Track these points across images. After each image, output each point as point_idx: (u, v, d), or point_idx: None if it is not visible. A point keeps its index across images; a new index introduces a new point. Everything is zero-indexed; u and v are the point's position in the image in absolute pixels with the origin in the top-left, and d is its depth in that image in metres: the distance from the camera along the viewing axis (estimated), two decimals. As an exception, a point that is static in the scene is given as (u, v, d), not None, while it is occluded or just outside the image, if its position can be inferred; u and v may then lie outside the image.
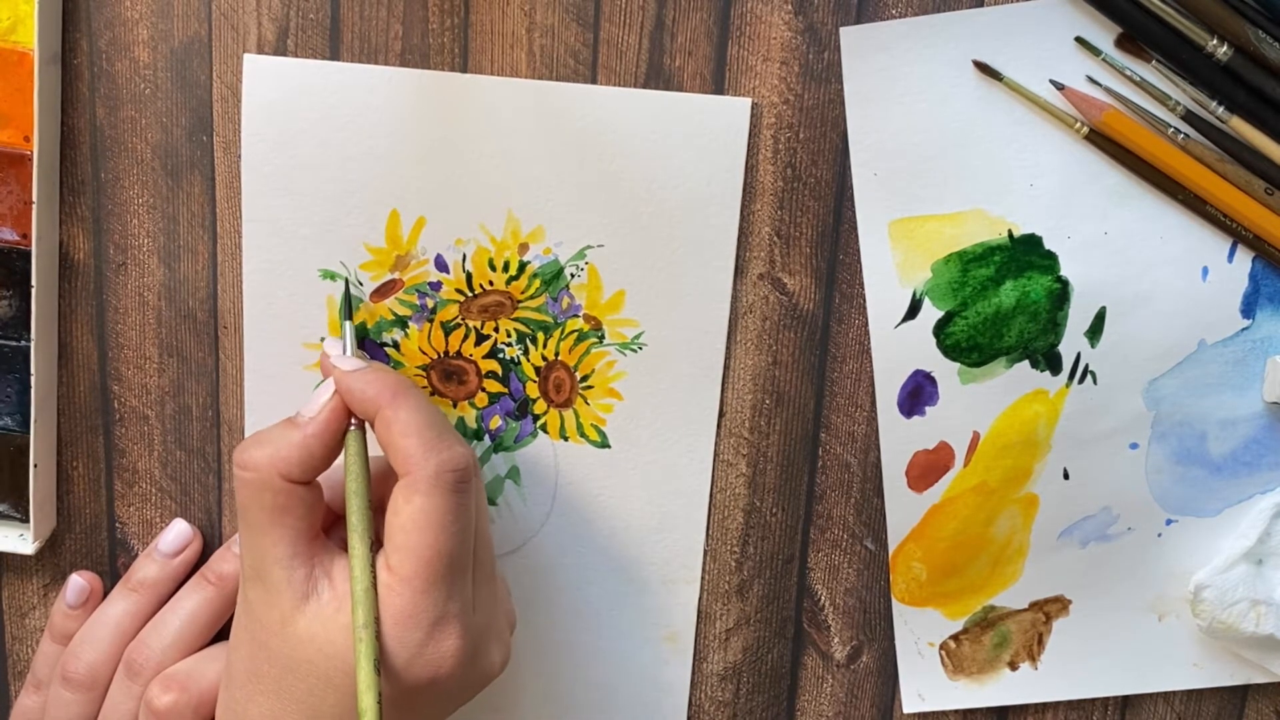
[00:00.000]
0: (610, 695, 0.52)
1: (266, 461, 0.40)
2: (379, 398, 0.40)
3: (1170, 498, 0.50)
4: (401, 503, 0.39)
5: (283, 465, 0.40)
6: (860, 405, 0.49)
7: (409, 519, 0.39)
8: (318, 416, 0.41)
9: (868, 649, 0.52)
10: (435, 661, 0.40)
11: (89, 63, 0.46)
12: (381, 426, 0.40)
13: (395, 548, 0.39)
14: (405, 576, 0.39)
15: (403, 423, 0.40)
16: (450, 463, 0.40)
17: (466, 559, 0.41)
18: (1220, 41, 0.44)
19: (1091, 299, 0.48)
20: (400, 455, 0.40)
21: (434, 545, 0.39)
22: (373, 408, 0.41)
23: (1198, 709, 0.53)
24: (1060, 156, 0.46)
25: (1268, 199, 0.46)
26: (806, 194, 0.47)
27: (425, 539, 0.39)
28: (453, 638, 0.40)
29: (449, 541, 0.39)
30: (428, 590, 0.39)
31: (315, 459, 0.41)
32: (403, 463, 0.40)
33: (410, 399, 0.41)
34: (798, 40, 0.45)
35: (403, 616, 0.39)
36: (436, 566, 0.39)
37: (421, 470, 0.39)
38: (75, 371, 0.49)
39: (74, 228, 0.48)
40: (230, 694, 0.42)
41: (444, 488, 0.39)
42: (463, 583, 0.40)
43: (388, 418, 0.40)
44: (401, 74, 0.45)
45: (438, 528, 0.39)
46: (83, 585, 0.49)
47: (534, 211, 0.47)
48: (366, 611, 0.39)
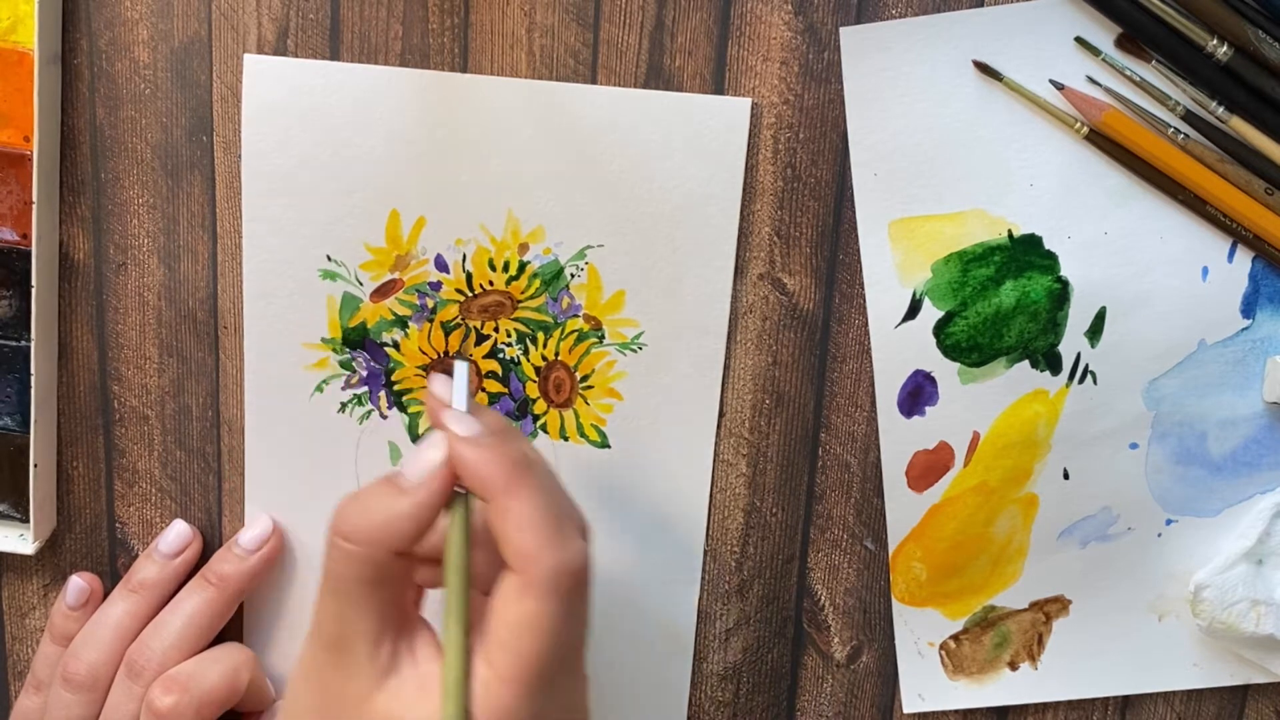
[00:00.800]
0: (610, 695, 0.52)
1: (375, 534, 0.36)
2: (493, 482, 0.36)
3: (1170, 498, 0.50)
4: (512, 600, 0.36)
5: (392, 539, 0.36)
6: (860, 405, 0.49)
7: (519, 620, 0.35)
8: (427, 484, 0.37)
9: (868, 649, 0.52)
10: None
11: (89, 63, 0.46)
12: (496, 513, 0.36)
13: (500, 644, 0.36)
14: (507, 677, 0.36)
15: (519, 515, 0.36)
16: (569, 565, 0.36)
17: (572, 660, 0.38)
18: (1220, 41, 0.44)
19: (1091, 299, 0.48)
20: (514, 550, 0.36)
21: (543, 651, 0.36)
22: (488, 492, 0.37)
23: (1198, 709, 0.53)
24: (1060, 156, 0.46)
25: (1268, 199, 0.46)
26: (806, 194, 0.47)
27: (535, 644, 0.35)
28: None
29: (559, 648, 0.36)
30: (530, 695, 0.36)
31: (424, 528, 0.37)
32: (517, 559, 0.36)
33: (529, 485, 0.36)
34: (798, 40, 0.45)
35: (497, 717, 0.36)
36: (542, 672, 0.36)
37: (538, 573, 0.35)
38: (75, 371, 0.49)
39: (74, 228, 0.48)
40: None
41: (560, 593, 0.36)
42: (558, 688, 0.37)
43: (503, 507, 0.36)
44: (401, 74, 0.45)
45: (549, 633, 0.36)
46: (83, 586, 0.49)
47: (534, 211, 0.47)
48: (457, 706, 0.35)
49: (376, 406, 0.49)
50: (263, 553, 0.49)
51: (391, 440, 0.49)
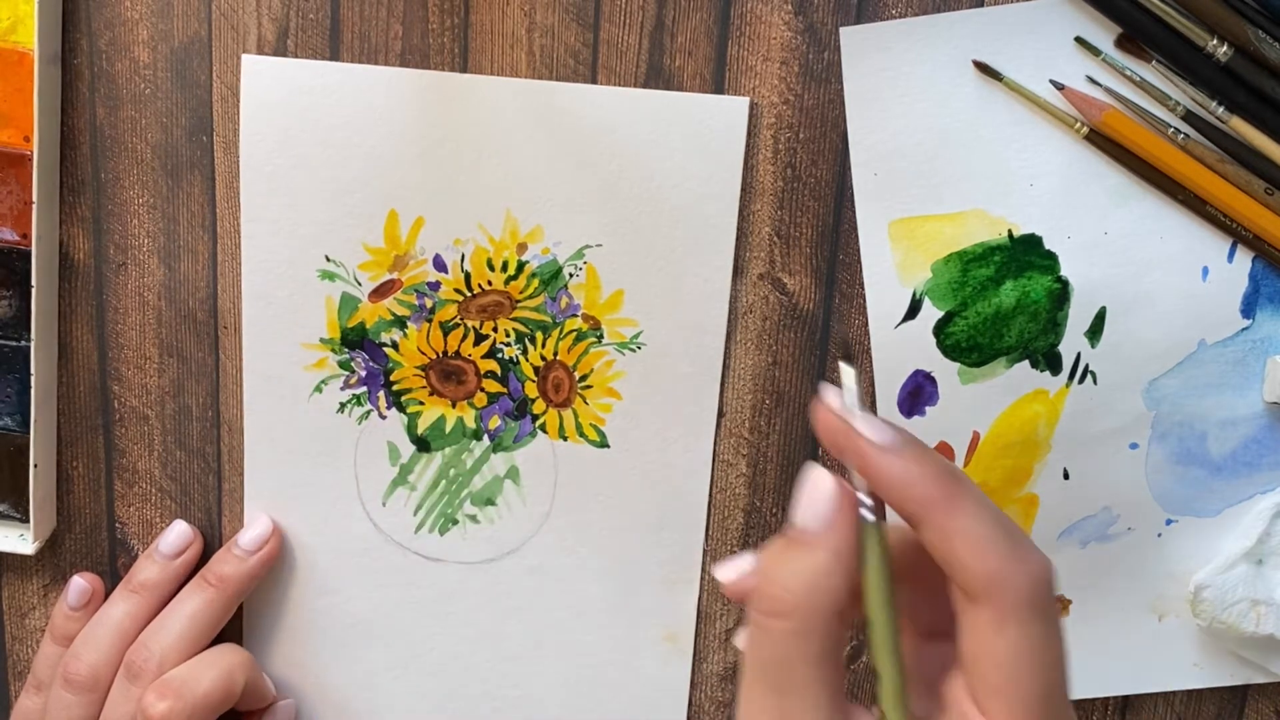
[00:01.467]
0: (610, 695, 0.52)
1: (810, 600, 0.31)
2: (930, 499, 0.31)
3: (1170, 498, 0.50)
4: (992, 637, 0.30)
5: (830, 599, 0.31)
6: (860, 405, 0.49)
7: (1008, 658, 0.30)
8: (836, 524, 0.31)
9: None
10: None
11: (89, 63, 0.46)
12: (936, 534, 0.31)
13: (993, 692, 0.30)
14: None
15: (971, 534, 0.30)
16: (1041, 578, 0.30)
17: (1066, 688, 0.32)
18: (1220, 41, 0.44)
19: (1091, 299, 0.47)
20: (975, 575, 0.30)
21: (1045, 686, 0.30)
22: (924, 511, 0.31)
23: (1198, 709, 0.53)
24: (1060, 156, 0.46)
25: (1268, 199, 0.46)
26: (806, 194, 0.47)
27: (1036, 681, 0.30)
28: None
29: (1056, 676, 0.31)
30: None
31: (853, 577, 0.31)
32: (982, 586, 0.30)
33: (971, 498, 0.31)
34: (798, 40, 0.45)
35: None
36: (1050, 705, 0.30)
37: (1014, 595, 0.30)
38: (75, 371, 0.49)
39: (74, 228, 0.48)
40: None
41: (1040, 613, 0.30)
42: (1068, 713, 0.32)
43: (947, 527, 0.30)
44: (401, 74, 0.45)
45: (1045, 664, 0.30)
46: (84, 587, 0.49)
47: (532, 211, 0.47)
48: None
49: (375, 406, 0.49)
50: (262, 553, 0.49)
51: (390, 440, 0.49)
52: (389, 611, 0.51)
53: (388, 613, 0.51)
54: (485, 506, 0.50)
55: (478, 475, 0.50)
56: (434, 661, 0.52)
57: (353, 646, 0.51)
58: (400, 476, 0.50)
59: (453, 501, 0.50)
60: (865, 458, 0.31)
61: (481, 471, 0.50)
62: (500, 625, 0.51)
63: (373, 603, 0.51)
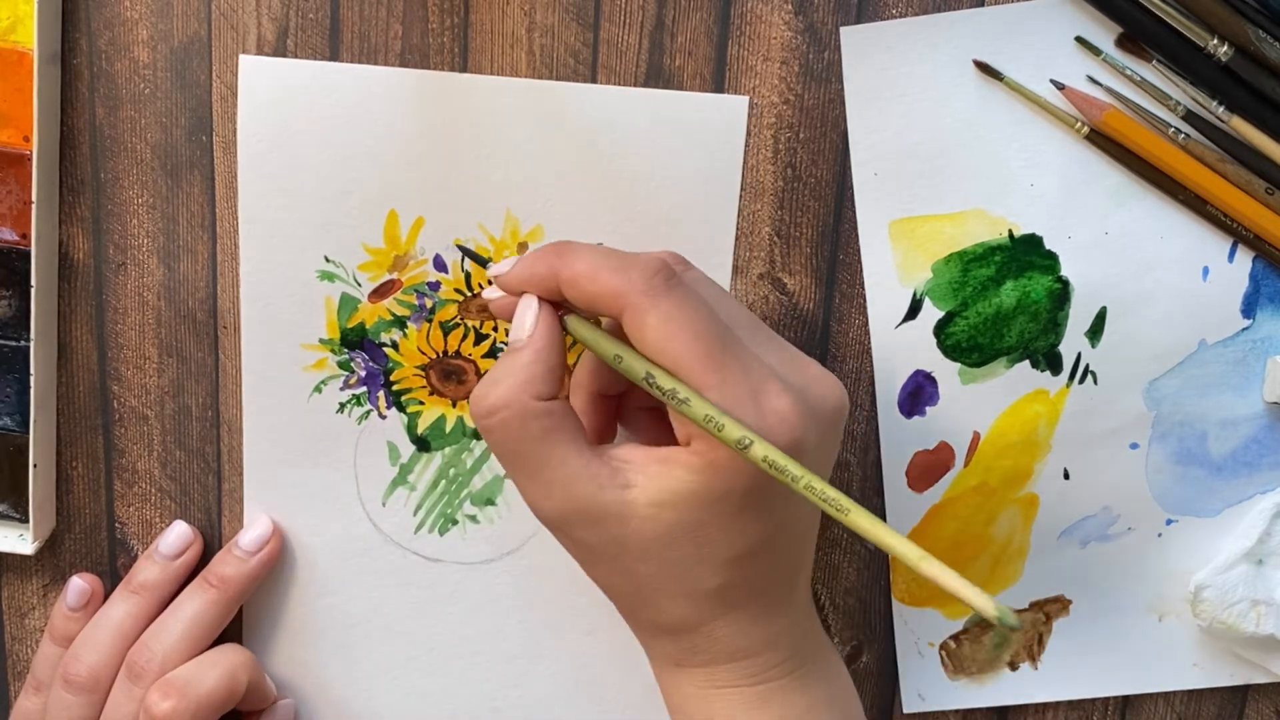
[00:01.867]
0: (610, 695, 0.52)
1: (510, 393, 0.38)
2: (551, 269, 0.39)
3: (1170, 498, 0.50)
4: (639, 333, 0.38)
5: (530, 387, 0.38)
6: (860, 405, 0.49)
7: (657, 337, 0.37)
8: (529, 327, 0.39)
9: (868, 649, 0.52)
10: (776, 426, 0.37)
11: (89, 63, 0.46)
12: (571, 289, 0.39)
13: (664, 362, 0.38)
14: (698, 380, 0.37)
15: (586, 272, 0.38)
16: (649, 268, 0.38)
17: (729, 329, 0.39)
18: (1220, 41, 0.44)
19: (1092, 299, 0.47)
20: (605, 297, 0.38)
21: (696, 337, 0.37)
22: (553, 280, 0.39)
23: (1198, 709, 0.53)
24: (1061, 156, 0.46)
25: (1268, 199, 0.46)
26: (806, 194, 0.47)
27: (685, 338, 0.37)
28: (777, 394, 0.37)
29: (704, 324, 0.37)
30: (725, 379, 0.37)
31: (555, 366, 0.39)
32: (612, 302, 0.38)
33: (577, 248, 0.39)
34: (798, 40, 0.45)
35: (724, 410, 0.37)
36: (714, 353, 0.37)
37: (633, 295, 0.37)
38: (75, 371, 0.49)
39: (74, 228, 0.48)
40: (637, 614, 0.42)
41: (660, 293, 0.37)
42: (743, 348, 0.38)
43: (570, 278, 0.38)
44: (401, 74, 0.45)
45: (685, 322, 0.37)
46: (83, 587, 0.49)
47: (532, 210, 0.47)
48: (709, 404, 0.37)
49: (375, 406, 0.49)
50: (263, 554, 0.49)
51: (390, 440, 0.49)
52: (389, 612, 0.51)
53: (388, 613, 0.51)
54: (485, 506, 0.50)
55: (477, 475, 0.50)
56: (434, 661, 0.52)
57: (353, 646, 0.51)
58: (400, 476, 0.50)
59: (453, 502, 0.50)
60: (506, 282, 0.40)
61: (481, 471, 0.50)
62: (500, 625, 0.51)
63: (373, 603, 0.51)
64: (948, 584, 0.34)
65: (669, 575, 0.39)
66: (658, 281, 0.37)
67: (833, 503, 0.36)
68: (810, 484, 0.36)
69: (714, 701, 0.42)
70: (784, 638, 0.42)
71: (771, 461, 0.36)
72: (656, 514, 0.38)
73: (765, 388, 0.38)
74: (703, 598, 0.40)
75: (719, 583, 0.40)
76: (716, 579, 0.39)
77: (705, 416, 0.37)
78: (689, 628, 0.41)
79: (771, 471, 0.36)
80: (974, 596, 0.34)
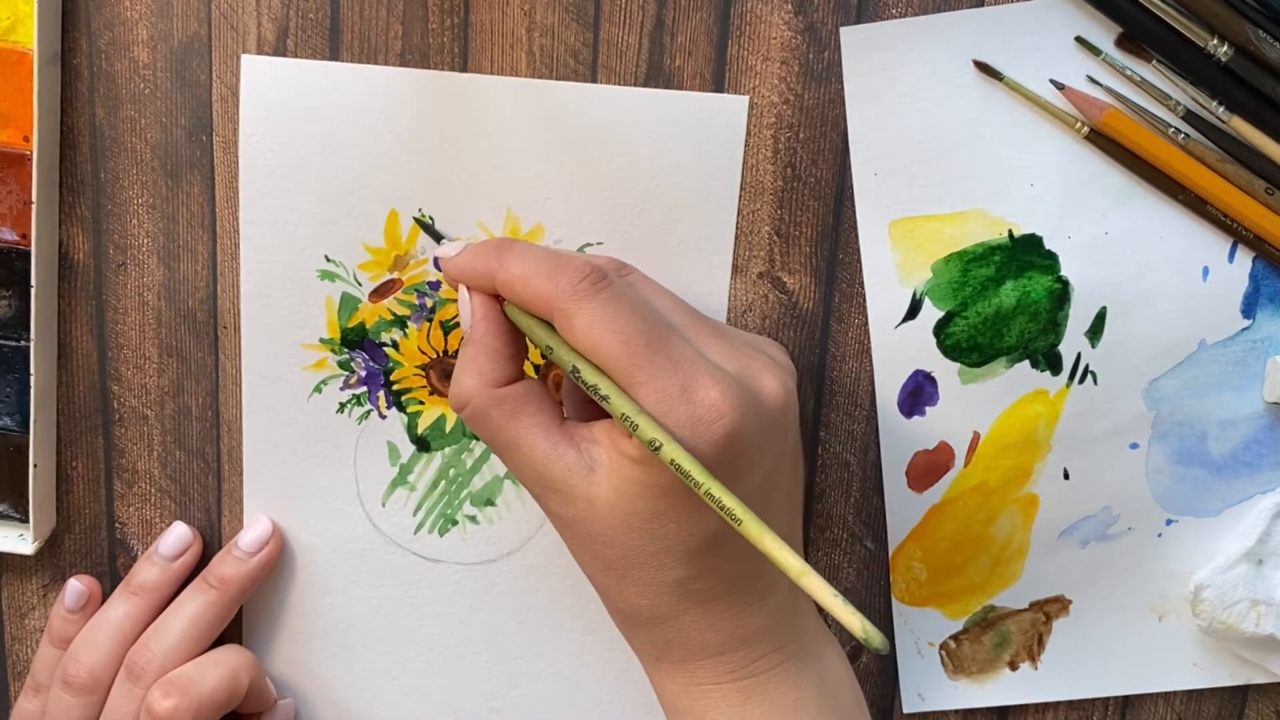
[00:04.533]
0: (610, 696, 0.52)
1: (474, 384, 0.40)
2: (488, 268, 0.41)
3: (1170, 498, 0.50)
4: (569, 334, 0.39)
5: (485, 376, 0.40)
6: (860, 405, 0.49)
7: (585, 338, 0.39)
8: (474, 317, 0.41)
9: (868, 649, 0.52)
10: (715, 419, 0.38)
11: (89, 63, 0.46)
12: (506, 290, 0.40)
13: (601, 362, 0.39)
14: (626, 379, 0.38)
15: (519, 276, 0.40)
16: (577, 272, 0.39)
17: (661, 327, 0.40)
18: (1220, 41, 0.44)
19: (1092, 299, 0.47)
20: (537, 302, 0.39)
21: (621, 337, 0.38)
22: (489, 279, 0.41)
23: (1198, 709, 0.53)
24: (1060, 156, 0.46)
25: (1268, 199, 0.46)
26: (806, 194, 0.47)
27: (609, 342, 0.38)
28: (707, 387, 0.38)
29: (631, 325, 0.39)
30: (651, 373, 0.38)
31: (506, 352, 0.41)
32: (544, 305, 0.39)
33: (515, 250, 0.40)
34: (798, 40, 0.45)
35: (654, 406, 0.38)
36: (640, 352, 0.38)
37: (561, 300, 0.39)
38: (75, 371, 0.49)
39: (74, 228, 0.48)
40: (610, 599, 0.43)
41: (587, 296, 0.39)
42: (675, 344, 0.39)
43: (505, 280, 0.40)
44: (401, 74, 0.45)
45: (610, 323, 0.38)
46: (81, 589, 0.49)
47: (532, 210, 0.47)
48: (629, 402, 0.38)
49: (375, 406, 0.49)
50: (263, 555, 0.49)
51: (390, 440, 0.49)
52: (389, 612, 0.51)
53: (388, 613, 0.51)
54: (485, 507, 0.50)
55: (477, 475, 0.50)
56: (434, 662, 0.52)
57: (353, 647, 0.51)
58: (400, 477, 0.50)
59: (452, 502, 0.50)
60: (446, 270, 0.42)
61: (481, 472, 0.50)
62: (500, 626, 0.51)
63: (373, 603, 0.51)
64: (824, 601, 0.36)
65: (632, 563, 0.40)
66: (584, 286, 0.39)
67: (727, 512, 0.37)
68: (709, 490, 0.37)
69: (697, 699, 0.42)
70: (764, 632, 0.42)
71: (677, 465, 0.37)
72: (616, 500, 0.39)
73: (695, 381, 0.38)
74: (666, 589, 0.41)
75: (681, 574, 0.40)
76: (678, 570, 0.40)
77: (622, 415, 0.38)
78: (658, 619, 0.41)
79: (678, 475, 0.37)
80: (847, 616, 0.36)
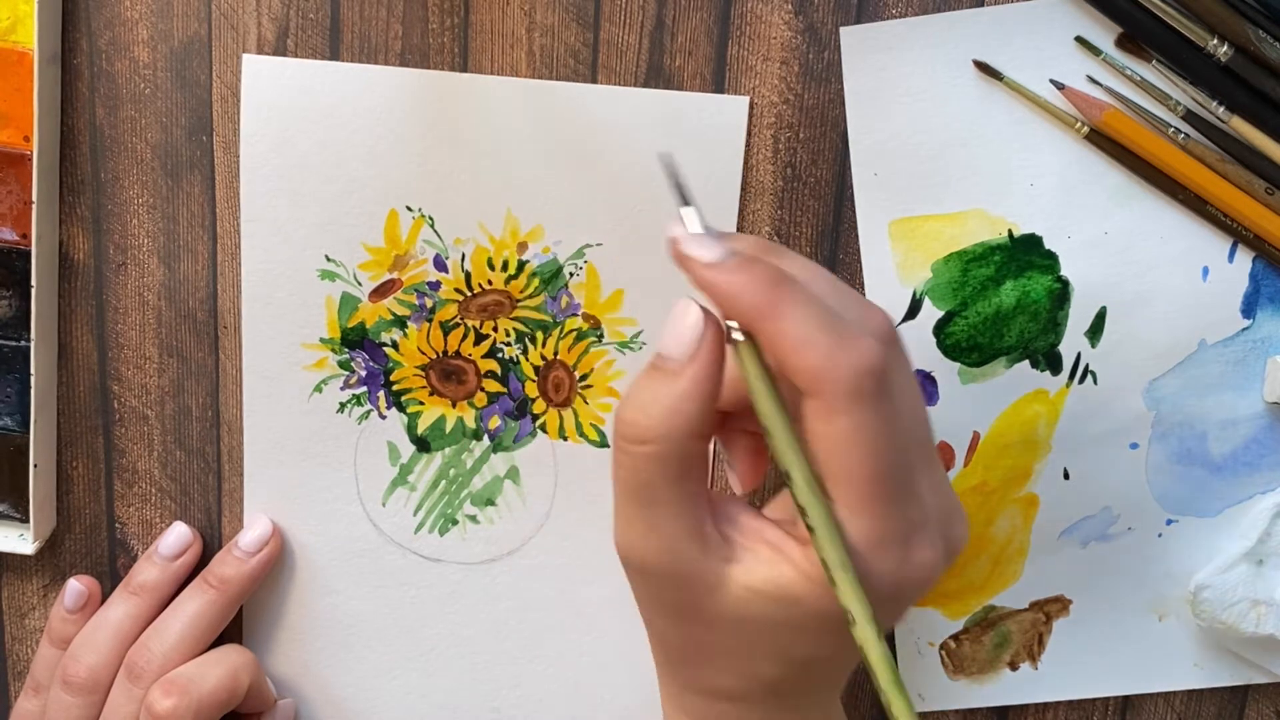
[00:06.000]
0: (611, 695, 0.52)
1: (668, 427, 0.33)
2: (754, 308, 0.33)
3: (1170, 498, 0.50)
4: (821, 426, 0.33)
5: (686, 424, 0.33)
6: (860, 405, 0.49)
7: (838, 445, 0.32)
8: (694, 353, 0.33)
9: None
10: (915, 579, 0.34)
11: (89, 63, 0.46)
12: (767, 341, 0.33)
13: (831, 476, 0.33)
14: (858, 506, 0.33)
15: (792, 335, 0.32)
16: (864, 364, 0.32)
17: (912, 458, 0.34)
18: (1220, 41, 0.44)
19: (1092, 299, 0.47)
20: (800, 373, 0.32)
21: (878, 465, 0.33)
22: (751, 321, 0.33)
23: (1198, 709, 0.53)
24: (1060, 156, 0.46)
25: (1268, 199, 0.46)
26: (806, 194, 0.47)
27: (867, 463, 0.32)
28: (925, 549, 0.34)
29: (892, 452, 0.33)
30: (889, 515, 0.33)
31: (714, 401, 0.34)
32: (807, 380, 0.32)
33: (794, 302, 0.32)
34: (798, 40, 0.45)
35: (870, 546, 0.33)
36: (888, 484, 0.33)
37: (834, 388, 0.32)
38: (75, 371, 0.49)
39: (74, 228, 0.48)
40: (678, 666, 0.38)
41: (865, 398, 0.32)
42: (915, 486, 0.34)
43: (772, 331, 0.32)
44: (401, 74, 0.45)
45: (873, 446, 0.32)
46: (81, 590, 0.49)
47: (533, 210, 0.47)
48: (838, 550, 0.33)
49: (375, 406, 0.49)
50: (263, 555, 0.49)
51: (390, 440, 0.49)
52: (389, 612, 0.51)
53: (388, 613, 0.51)
54: (485, 507, 0.50)
55: (478, 475, 0.50)
56: (434, 662, 0.52)
57: (353, 647, 0.51)
58: (400, 477, 0.50)
59: (453, 502, 0.50)
60: (697, 276, 0.33)
61: (481, 472, 0.50)
62: (500, 625, 0.51)
63: (373, 603, 0.51)
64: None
65: (731, 651, 0.36)
66: (867, 384, 0.32)
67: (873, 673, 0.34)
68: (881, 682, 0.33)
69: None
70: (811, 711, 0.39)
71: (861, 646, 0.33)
72: (748, 597, 0.35)
73: (919, 534, 0.34)
74: (754, 680, 0.37)
75: (778, 674, 0.36)
76: (777, 670, 0.36)
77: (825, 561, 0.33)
78: (726, 697, 0.38)
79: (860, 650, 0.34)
80: None
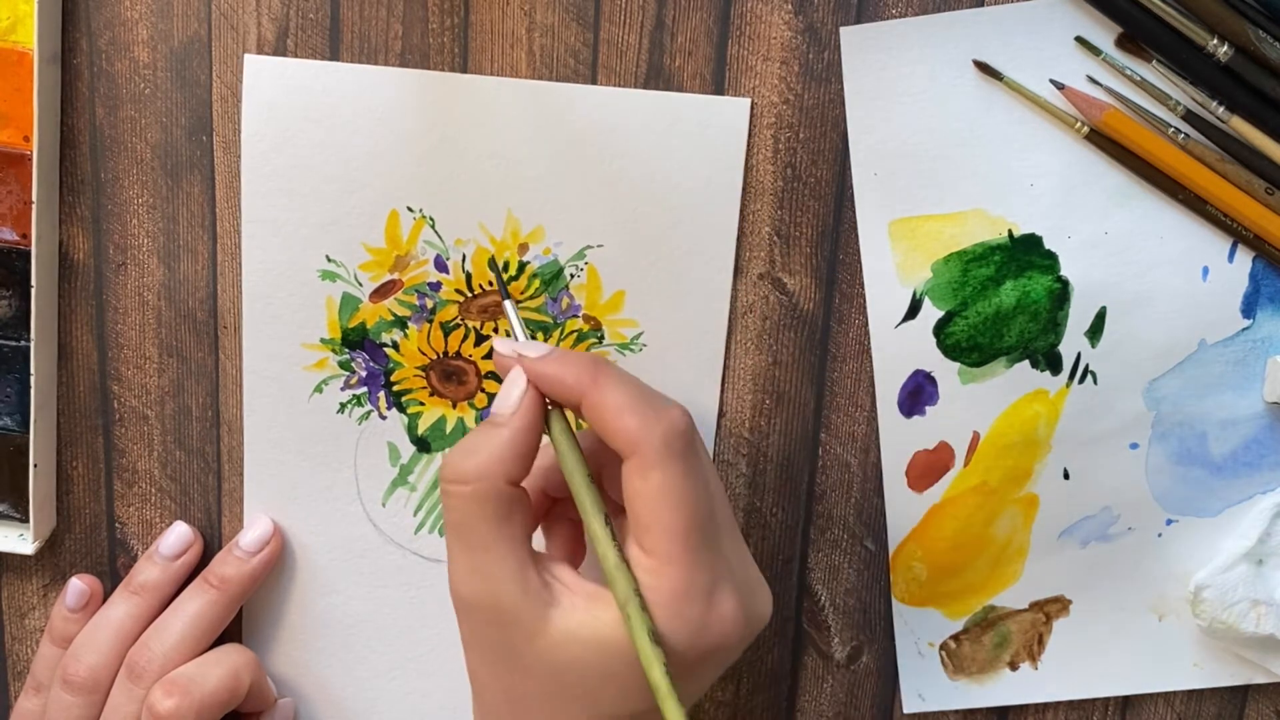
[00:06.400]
0: (610, 695, 0.52)
1: (484, 468, 0.38)
2: (577, 384, 0.38)
3: (1170, 498, 0.50)
4: (639, 482, 0.37)
5: (501, 467, 0.38)
6: (860, 405, 0.49)
7: (653, 498, 0.37)
8: (520, 409, 0.39)
9: (868, 649, 0.52)
10: (719, 631, 0.38)
11: (89, 63, 0.46)
12: (590, 411, 0.38)
13: (646, 529, 0.37)
14: (668, 556, 0.37)
15: (612, 404, 0.38)
16: (673, 429, 0.38)
17: (718, 520, 0.39)
18: (1220, 41, 0.44)
19: (1092, 299, 0.48)
20: (619, 435, 0.37)
21: (688, 516, 0.37)
22: (575, 395, 0.38)
23: (1198, 709, 0.53)
24: (1060, 156, 0.46)
25: (1268, 199, 0.46)
26: (806, 194, 0.47)
27: (678, 514, 0.37)
28: (729, 601, 0.38)
29: (699, 507, 0.38)
30: (696, 564, 0.37)
31: (529, 453, 0.39)
32: (625, 442, 0.37)
33: (611, 377, 0.38)
34: (798, 40, 0.45)
35: (677, 596, 0.37)
36: (696, 537, 0.37)
37: (649, 446, 0.37)
38: (75, 371, 0.49)
39: (74, 228, 0.48)
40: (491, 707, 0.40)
41: (676, 456, 0.37)
42: (720, 546, 0.39)
43: (595, 402, 0.38)
44: (401, 74, 0.45)
45: (683, 497, 0.37)
46: (82, 589, 0.49)
47: (533, 211, 0.47)
48: (625, 585, 0.37)
49: (376, 407, 0.49)
50: (264, 554, 0.49)
51: (390, 441, 0.49)
52: (389, 612, 0.51)
53: (388, 613, 0.51)
54: (485, 506, 0.50)
55: (478, 475, 0.50)
56: (434, 662, 0.52)
57: (353, 646, 0.51)
58: (400, 477, 0.50)
59: (453, 502, 0.50)
60: (528, 369, 0.39)
61: (482, 471, 0.50)
62: (500, 625, 0.51)
63: (373, 603, 0.51)
64: None
65: (547, 697, 0.38)
66: (678, 444, 0.37)
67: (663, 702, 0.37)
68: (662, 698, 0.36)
69: None
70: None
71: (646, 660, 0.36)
72: (565, 644, 0.38)
73: (723, 589, 0.38)
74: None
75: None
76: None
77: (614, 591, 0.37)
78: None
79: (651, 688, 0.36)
80: None
